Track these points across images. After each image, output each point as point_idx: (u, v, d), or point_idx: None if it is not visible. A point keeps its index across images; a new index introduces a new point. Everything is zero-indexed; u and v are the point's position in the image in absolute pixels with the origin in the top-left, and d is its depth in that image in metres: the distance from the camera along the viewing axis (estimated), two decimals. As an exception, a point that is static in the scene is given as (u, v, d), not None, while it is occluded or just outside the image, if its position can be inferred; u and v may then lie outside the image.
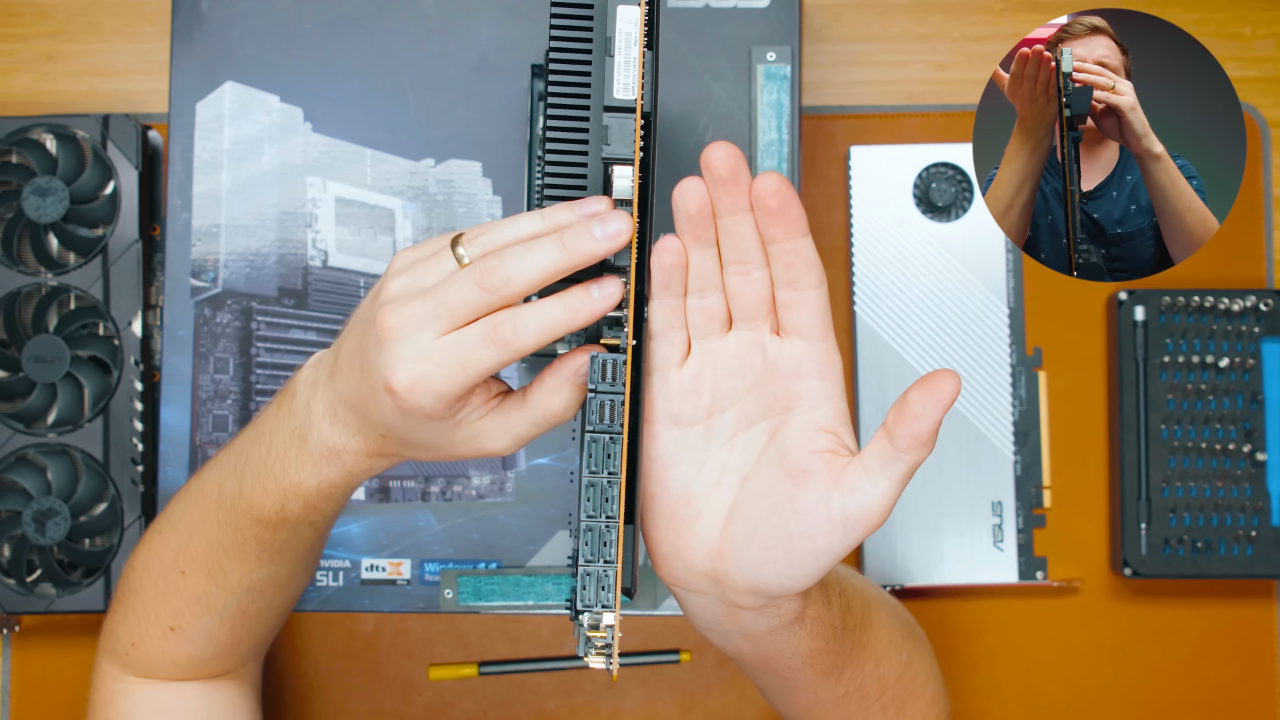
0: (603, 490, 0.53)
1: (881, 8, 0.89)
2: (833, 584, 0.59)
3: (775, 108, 0.79)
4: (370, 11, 0.80)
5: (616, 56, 0.53)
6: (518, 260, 0.51)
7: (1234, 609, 0.86)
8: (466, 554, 0.77)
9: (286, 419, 0.59)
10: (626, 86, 0.53)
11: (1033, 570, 0.84)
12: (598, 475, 0.53)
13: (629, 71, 0.53)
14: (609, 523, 0.53)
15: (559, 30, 0.55)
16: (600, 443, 0.53)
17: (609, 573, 0.53)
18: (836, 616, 0.58)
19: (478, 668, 0.85)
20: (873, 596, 0.65)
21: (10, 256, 0.81)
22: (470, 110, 0.79)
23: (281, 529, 0.61)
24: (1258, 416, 0.83)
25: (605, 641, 0.53)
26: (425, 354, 0.51)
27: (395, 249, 0.79)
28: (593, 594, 0.53)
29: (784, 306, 0.53)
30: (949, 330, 0.85)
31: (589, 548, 0.53)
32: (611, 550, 0.53)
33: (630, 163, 0.53)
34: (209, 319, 0.79)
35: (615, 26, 0.53)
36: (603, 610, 0.53)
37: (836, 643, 0.59)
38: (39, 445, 0.80)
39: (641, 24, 0.53)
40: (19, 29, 0.89)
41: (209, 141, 0.79)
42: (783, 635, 0.56)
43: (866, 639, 0.62)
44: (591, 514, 0.53)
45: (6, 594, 0.80)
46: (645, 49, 0.53)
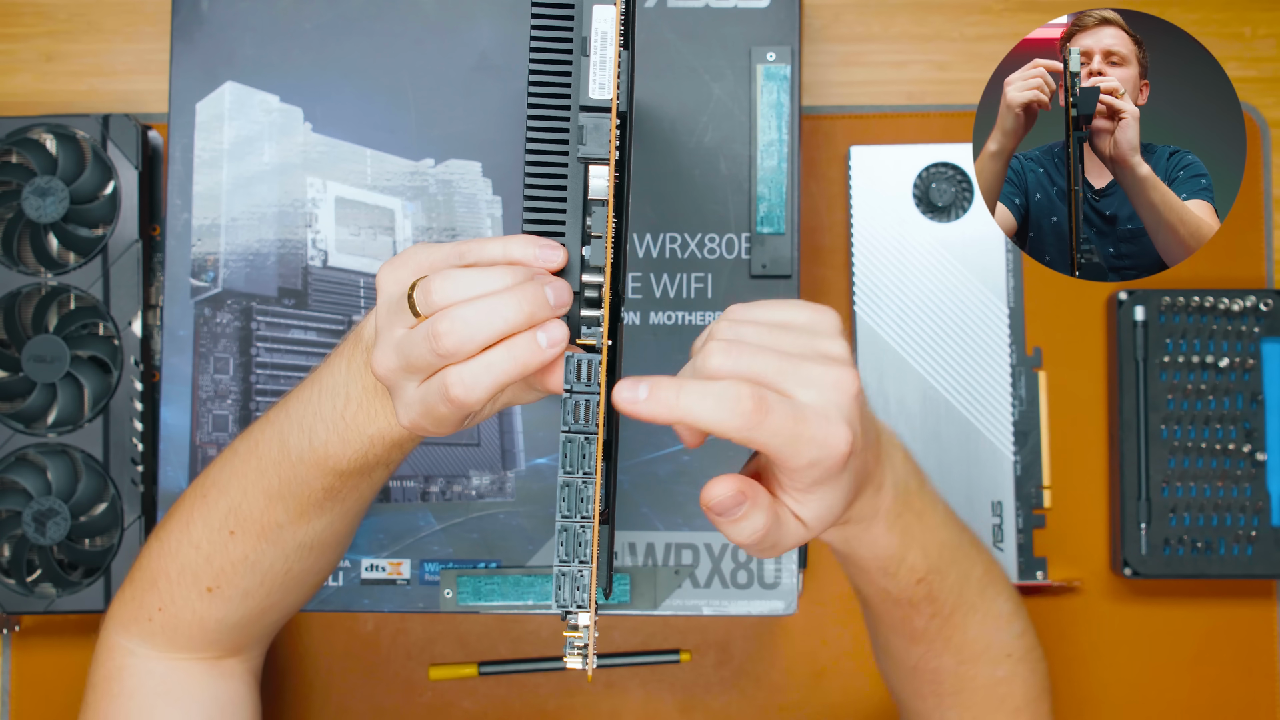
0: (578, 490, 0.53)
1: (881, 8, 0.89)
2: (922, 568, 0.63)
3: (775, 108, 0.79)
4: (370, 11, 0.80)
5: (592, 56, 0.53)
6: (465, 330, 0.53)
7: (1234, 609, 0.85)
8: (466, 554, 0.77)
9: (363, 371, 0.60)
10: (602, 86, 0.53)
11: (1033, 570, 0.84)
12: (573, 475, 0.53)
13: (604, 71, 0.53)
14: (584, 523, 0.53)
15: (539, 31, 0.55)
16: (575, 443, 0.53)
17: (584, 573, 0.53)
18: (909, 588, 0.64)
19: (478, 668, 0.85)
20: (989, 609, 0.68)
21: (10, 256, 0.81)
22: (470, 110, 0.79)
23: (355, 476, 0.63)
24: (1258, 416, 0.83)
25: (583, 641, 0.53)
26: (411, 402, 0.55)
27: (395, 249, 0.79)
28: (568, 594, 0.53)
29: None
30: (949, 330, 0.85)
31: (564, 548, 0.53)
32: (587, 550, 0.53)
33: (606, 162, 0.53)
34: (209, 319, 0.79)
35: (591, 26, 0.53)
36: (578, 610, 0.53)
37: (911, 609, 0.65)
38: (39, 445, 0.80)
39: (617, 24, 0.53)
40: (19, 29, 0.89)
41: (209, 141, 0.79)
42: (854, 546, 0.62)
43: (950, 633, 0.66)
44: (567, 514, 0.53)
45: (6, 594, 0.80)
46: (621, 49, 0.53)
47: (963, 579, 0.66)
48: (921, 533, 0.63)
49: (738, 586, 0.78)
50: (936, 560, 0.64)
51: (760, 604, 0.78)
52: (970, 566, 0.66)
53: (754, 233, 0.79)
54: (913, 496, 0.62)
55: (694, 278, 0.79)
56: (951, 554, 0.65)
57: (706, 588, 0.78)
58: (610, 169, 0.53)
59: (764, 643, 0.86)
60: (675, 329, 0.78)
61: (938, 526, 0.64)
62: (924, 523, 0.63)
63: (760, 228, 0.79)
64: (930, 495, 0.64)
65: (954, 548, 0.65)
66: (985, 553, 0.68)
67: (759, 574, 0.78)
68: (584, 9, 0.54)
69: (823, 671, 0.86)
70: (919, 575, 0.63)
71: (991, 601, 0.68)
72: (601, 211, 0.54)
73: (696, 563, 0.78)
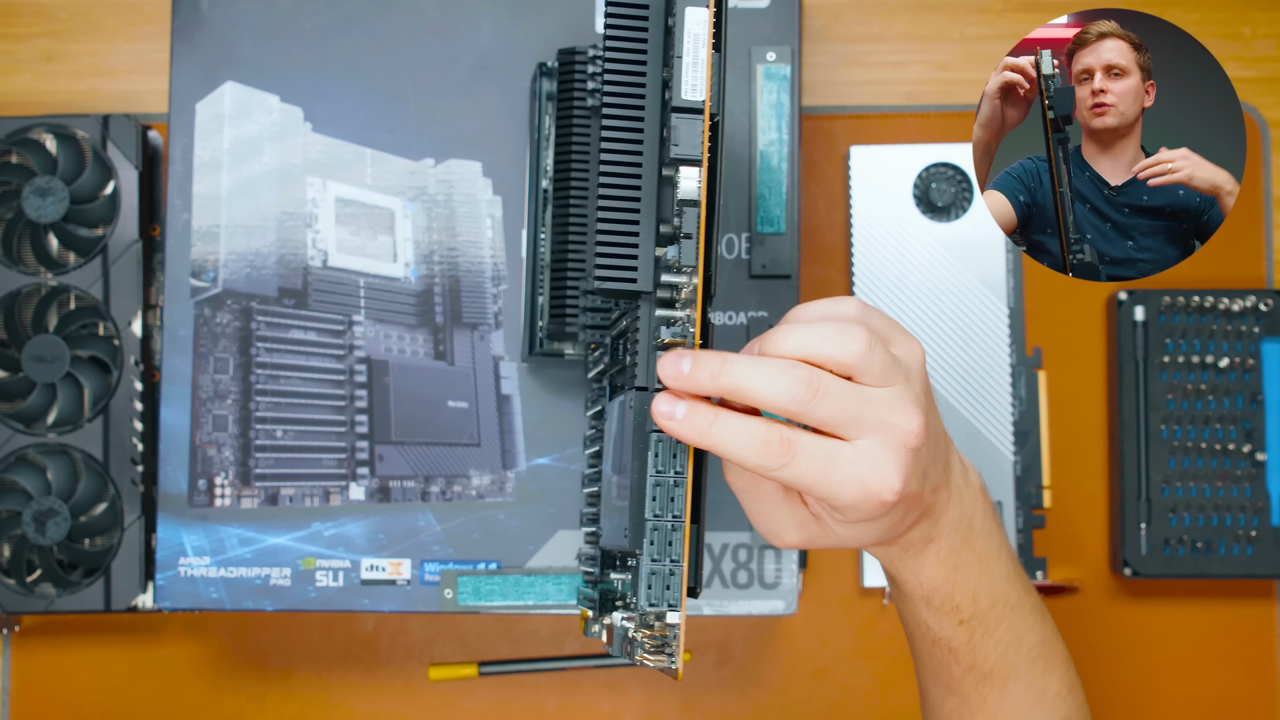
0: (668, 490, 0.53)
1: (881, 8, 0.89)
2: (967, 610, 0.62)
3: (775, 108, 0.79)
4: (370, 11, 0.80)
5: (684, 58, 0.53)
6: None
7: (1234, 609, 0.85)
8: (466, 554, 0.77)
9: None
10: (695, 88, 0.53)
11: (1032, 570, 0.84)
12: (664, 475, 0.53)
13: (697, 73, 0.53)
14: (675, 522, 0.53)
15: (615, 30, 0.54)
16: (667, 442, 0.54)
17: (675, 571, 0.53)
18: (949, 628, 0.63)
19: (478, 668, 0.85)
20: (1036, 683, 0.65)
21: (10, 256, 0.81)
22: (470, 110, 0.79)
23: None
24: (1258, 416, 0.83)
25: (662, 640, 0.53)
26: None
27: (395, 249, 0.79)
28: (659, 593, 0.53)
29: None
30: (949, 330, 0.85)
31: (655, 547, 0.53)
32: (678, 549, 0.53)
33: (698, 163, 0.53)
34: (209, 319, 0.79)
35: (683, 28, 0.53)
36: (668, 609, 0.53)
37: (949, 655, 0.63)
38: (39, 445, 0.80)
39: (710, 25, 0.53)
40: (19, 29, 0.89)
41: (209, 141, 0.79)
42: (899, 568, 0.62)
43: (987, 692, 0.64)
44: (658, 513, 0.53)
45: (6, 594, 0.80)
46: (713, 50, 0.53)
47: (1014, 640, 0.64)
48: (977, 577, 0.61)
49: (738, 586, 0.78)
50: (987, 611, 0.62)
51: (760, 604, 0.78)
52: (1025, 631, 0.64)
53: (754, 233, 0.79)
54: (976, 538, 0.61)
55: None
56: (1005, 610, 0.63)
57: (706, 588, 0.78)
58: (704, 170, 0.53)
59: (764, 643, 0.86)
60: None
61: (998, 578, 0.62)
62: (982, 568, 0.61)
63: (760, 228, 0.79)
64: (997, 544, 0.62)
65: (1010, 606, 0.63)
66: (1049, 628, 0.66)
67: (759, 574, 0.78)
68: (676, 10, 0.53)
69: (823, 671, 0.86)
70: (962, 617, 0.62)
71: (1041, 676, 0.65)
72: (692, 213, 0.53)
73: (696, 563, 0.78)
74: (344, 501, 0.78)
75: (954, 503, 0.60)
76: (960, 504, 0.60)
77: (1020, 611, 0.64)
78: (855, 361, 0.54)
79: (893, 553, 0.61)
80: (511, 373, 0.78)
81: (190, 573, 0.77)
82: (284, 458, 0.78)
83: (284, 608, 0.77)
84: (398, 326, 0.79)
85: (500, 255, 0.79)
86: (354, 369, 0.78)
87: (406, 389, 0.78)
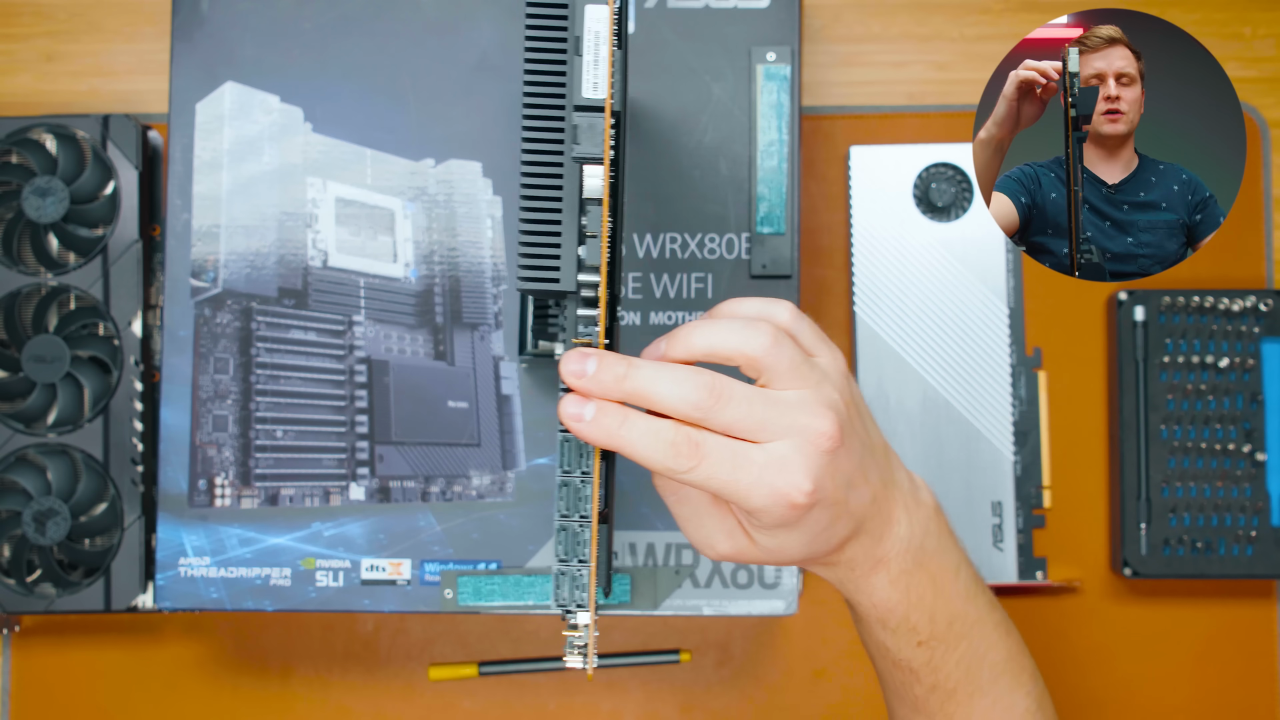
0: (576, 490, 0.53)
1: (881, 8, 0.89)
2: (925, 632, 0.61)
3: (775, 108, 0.79)
4: (370, 11, 0.80)
5: (585, 56, 0.53)
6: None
7: (1234, 609, 0.85)
8: (466, 554, 0.77)
9: None
10: (596, 86, 0.53)
11: (1032, 570, 0.84)
12: (571, 474, 0.53)
13: (598, 71, 0.53)
14: (583, 522, 0.53)
15: (534, 31, 0.55)
16: (574, 442, 0.54)
17: (583, 572, 0.53)
18: (908, 650, 0.62)
19: (478, 668, 0.85)
20: (1002, 700, 0.65)
21: (10, 256, 0.81)
22: (470, 110, 0.79)
23: None
24: (1258, 416, 0.83)
25: (583, 641, 0.53)
26: None
27: (395, 249, 0.79)
28: (567, 593, 0.53)
29: None
30: (949, 330, 0.85)
31: (563, 547, 0.53)
32: (586, 550, 0.53)
33: (600, 162, 0.53)
34: (209, 319, 0.79)
35: (584, 25, 0.53)
36: (578, 610, 0.53)
37: (910, 675, 0.63)
38: (39, 445, 0.80)
39: (610, 23, 0.53)
40: (19, 29, 0.89)
41: (209, 141, 0.79)
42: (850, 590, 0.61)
43: (953, 711, 0.64)
44: (565, 513, 0.53)
45: (6, 594, 0.80)
46: (615, 48, 0.53)
47: (975, 658, 0.63)
48: (933, 598, 0.61)
49: (738, 586, 0.78)
50: (945, 630, 0.62)
51: (760, 604, 0.78)
52: (987, 649, 0.63)
53: (754, 233, 0.79)
54: (929, 558, 0.60)
55: (694, 278, 0.79)
56: (965, 629, 0.62)
57: (707, 588, 0.78)
58: (605, 168, 0.53)
59: (764, 643, 0.86)
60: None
61: (956, 597, 0.61)
62: (938, 588, 0.61)
63: (760, 228, 0.79)
64: (954, 563, 0.62)
65: (970, 624, 0.62)
66: (1015, 643, 0.65)
67: (759, 574, 0.78)
68: (577, 9, 0.54)
69: (823, 671, 0.86)
70: (920, 638, 0.61)
71: (1006, 693, 0.64)
72: (596, 211, 0.54)
73: (697, 563, 0.78)
74: (344, 501, 0.78)
75: (900, 521, 0.59)
76: (909, 523, 0.59)
77: (982, 629, 0.63)
78: (760, 356, 0.54)
79: (840, 574, 0.60)
80: (511, 373, 0.78)
81: (190, 573, 0.77)
82: (284, 458, 0.78)
83: (284, 608, 0.77)
84: (398, 327, 0.79)
85: (500, 255, 0.79)
86: (354, 369, 0.78)
87: (406, 389, 0.78)
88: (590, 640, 0.53)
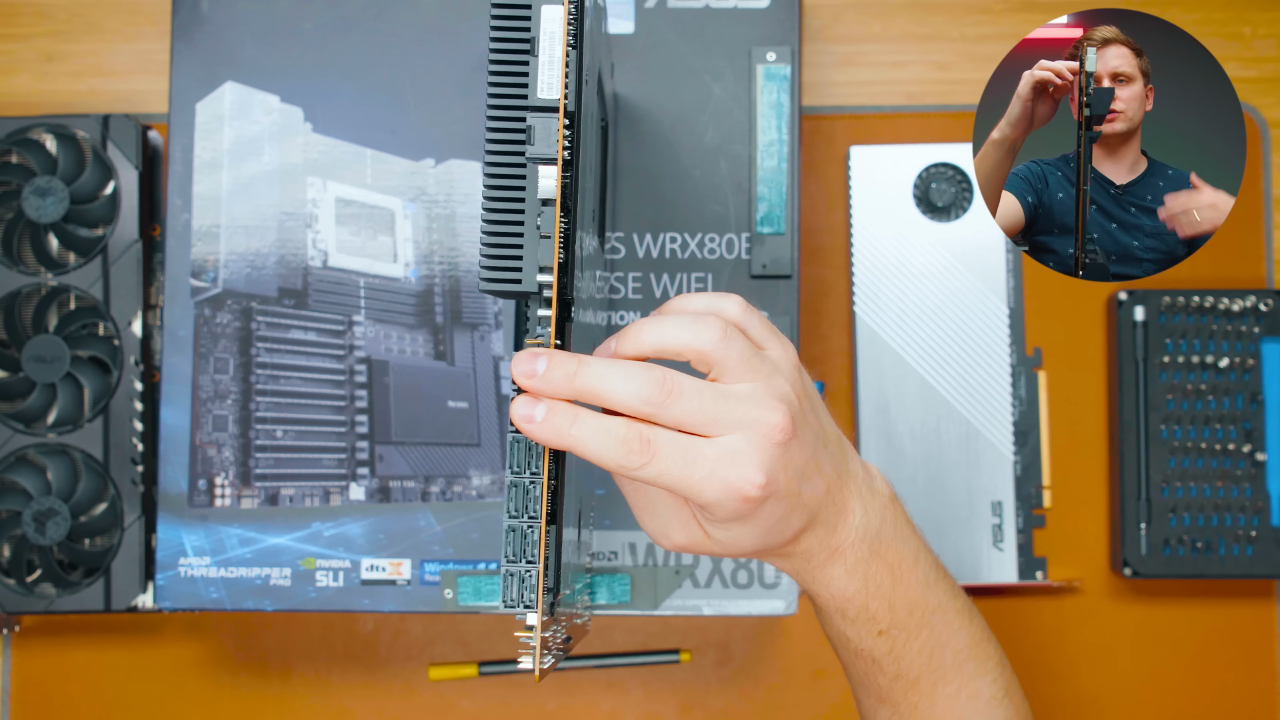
0: (525, 490, 0.53)
1: (881, 8, 0.89)
2: (885, 621, 0.61)
3: (775, 108, 0.79)
4: (370, 11, 0.80)
5: (540, 56, 0.54)
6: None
7: (1234, 609, 0.85)
8: (466, 554, 0.77)
9: None
10: (550, 86, 0.54)
11: (1032, 570, 0.84)
12: (520, 475, 0.53)
13: (552, 71, 0.53)
14: (531, 523, 0.53)
15: (497, 32, 0.55)
16: (523, 442, 0.54)
17: (531, 573, 0.53)
18: (869, 639, 0.62)
19: (478, 668, 0.85)
20: (967, 686, 0.64)
21: (10, 256, 0.81)
22: (470, 110, 0.79)
23: None
24: (1258, 416, 0.83)
25: (533, 642, 0.53)
26: None
27: (395, 249, 0.79)
28: (515, 593, 0.53)
29: None
30: (949, 330, 0.85)
31: (511, 548, 0.53)
32: (534, 550, 0.53)
33: (554, 162, 0.53)
34: (209, 319, 0.79)
35: (539, 26, 0.54)
36: (525, 610, 0.53)
37: (873, 664, 0.63)
38: (39, 445, 0.80)
39: (565, 23, 0.54)
40: (19, 29, 0.89)
41: (209, 141, 0.79)
42: (807, 581, 0.61)
43: (917, 699, 0.63)
44: (514, 514, 0.53)
45: (6, 594, 0.80)
46: (569, 48, 0.54)
47: (937, 646, 0.63)
48: (891, 586, 0.61)
49: (738, 586, 0.78)
50: (905, 619, 0.61)
51: (760, 604, 0.78)
52: (949, 636, 0.63)
53: (754, 233, 0.79)
54: (886, 547, 0.60)
55: (694, 278, 0.79)
56: (925, 616, 0.62)
57: (706, 588, 0.78)
58: (558, 169, 0.53)
59: (764, 643, 0.86)
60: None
61: (915, 585, 0.61)
62: (896, 577, 0.61)
63: (760, 228, 0.79)
64: (913, 552, 0.61)
65: (931, 610, 0.62)
66: (978, 629, 0.65)
67: (759, 574, 0.78)
68: (533, 9, 0.54)
69: (823, 671, 0.86)
70: (880, 627, 0.61)
71: (970, 679, 0.64)
72: (550, 212, 0.54)
73: (696, 563, 0.78)
74: (344, 501, 0.78)
75: (855, 510, 0.59)
76: (864, 512, 0.59)
77: (944, 616, 0.63)
78: (710, 350, 0.54)
79: (796, 565, 0.60)
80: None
81: (190, 573, 0.77)
82: (284, 458, 0.78)
83: (284, 608, 0.77)
84: (398, 327, 0.79)
85: (500, 255, 0.79)
86: (354, 369, 0.78)
87: (406, 389, 0.78)
88: (538, 642, 0.53)
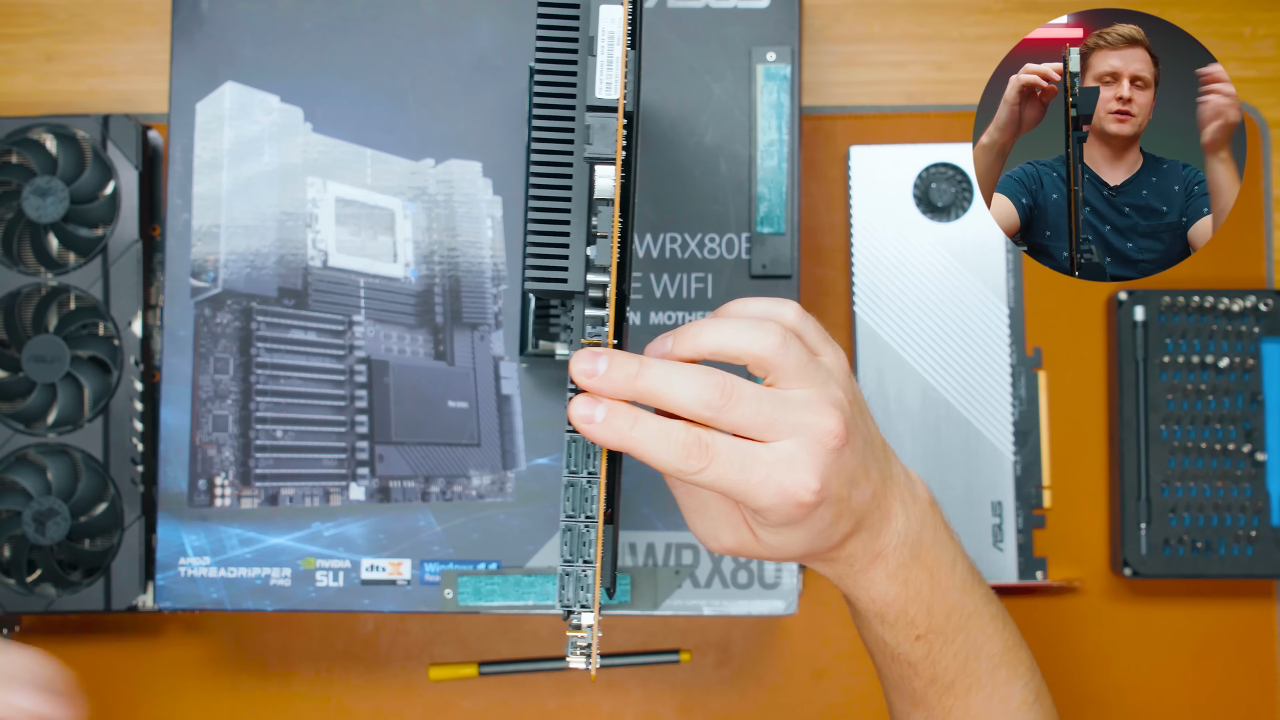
0: (582, 490, 0.53)
1: (881, 8, 0.89)
2: (923, 625, 0.62)
3: (775, 108, 0.79)
4: (370, 11, 0.80)
5: (599, 56, 0.53)
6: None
7: (1234, 609, 0.86)
8: (466, 554, 0.77)
9: None
10: (609, 86, 0.54)
11: (1032, 570, 0.84)
12: (578, 475, 0.53)
13: (612, 71, 0.53)
14: (588, 523, 0.53)
15: (545, 31, 0.55)
16: (580, 442, 0.54)
17: (588, 573, 0.53)
18: (906, 644, 0.62)
19: (478, 668, 0.85)
20: (1000, 691, 0.65)
21: (10, 256, 0.81)
22: (470, 110, 0.79)
23: None
24: (1258, 416, 0.83)
25: (586, 641, 0.53)
26: None
27: (395, 249, 0.79)
28: (572, 594, 0.53)
29: None
30: (949, 330, 0.85)
31: (568, 548, 0.53)
32: (591, 550, 0.53)
33: (613, 162, 0.53)
34: (209, 319, 0.79)
35: (598, 26, 0.53)
36: (582, 610, 0.53)
37: (909, 669, 0.63)
38: (39, 445, 0.80)
39: (625, 23, 0.54)
40: (19, 29, 0.89)
41: (209, 141, 0.79)
42: (848, 586, 0.61)
43: (951, 704, 0.64)
44: (571, 514, 0.53)
45: (6, 594, 0.80)
46: (628, 48, 0.54)
47: (973, 650, 0.63)
48: (930, 591, 0.61)
49: (738, 586, 0.78)
50: (943, 623, 0.62)
51: (760, 604, 0.78)
52: (984, 640, 0.64)
53: (754, 233, 0.79)
54: (926, 551, 0.61)
55: (694, 278, 0.79)
56: (962, 621, 0.63)
57: (707, 588, 0.78)
58: (617, 169, 0.53)
59: (764, 643, 0.86)
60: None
61: (953, 590, 0.62)
62: (935, 582, 0.61)
63: (760, 228, 0.79)
64: (950, 556, 0.62)
65: (967, 615, 0.63)
66: (1011, 635, 0.65)
67: (759, 574, 0.78)
68: (591, 9, 0.54)
69: (823, 671, 0.86)
70: (918, 631, 0.62)
71: (1004, 684, 0.65)
72: (607, 211, 0.54)
73: (697, 563, 0.78)
74: (344, 501, 0.78)
75: (897, 515, 0.59)
76: (906, 517, 0.60)
77: (979, 621, 0.63)
78: (770, 356, 0.54)
79: (839, 570, 0.60)
80: (511, 373, 0.78)
81: (190, 573, 0.77)
82: (284, 458, 0.78)
83: (284, 608, 0.77)
84: (398, 326, 0.79)
85: (500, 255, 0.79)
86: (354, 369, 0.78)
87: (406, 389, 0.78)
88: (594, 641, 0.53)
